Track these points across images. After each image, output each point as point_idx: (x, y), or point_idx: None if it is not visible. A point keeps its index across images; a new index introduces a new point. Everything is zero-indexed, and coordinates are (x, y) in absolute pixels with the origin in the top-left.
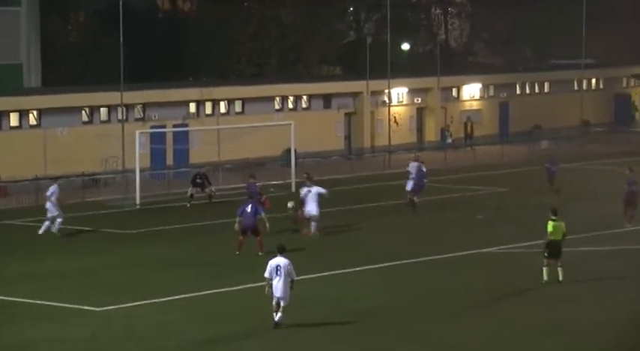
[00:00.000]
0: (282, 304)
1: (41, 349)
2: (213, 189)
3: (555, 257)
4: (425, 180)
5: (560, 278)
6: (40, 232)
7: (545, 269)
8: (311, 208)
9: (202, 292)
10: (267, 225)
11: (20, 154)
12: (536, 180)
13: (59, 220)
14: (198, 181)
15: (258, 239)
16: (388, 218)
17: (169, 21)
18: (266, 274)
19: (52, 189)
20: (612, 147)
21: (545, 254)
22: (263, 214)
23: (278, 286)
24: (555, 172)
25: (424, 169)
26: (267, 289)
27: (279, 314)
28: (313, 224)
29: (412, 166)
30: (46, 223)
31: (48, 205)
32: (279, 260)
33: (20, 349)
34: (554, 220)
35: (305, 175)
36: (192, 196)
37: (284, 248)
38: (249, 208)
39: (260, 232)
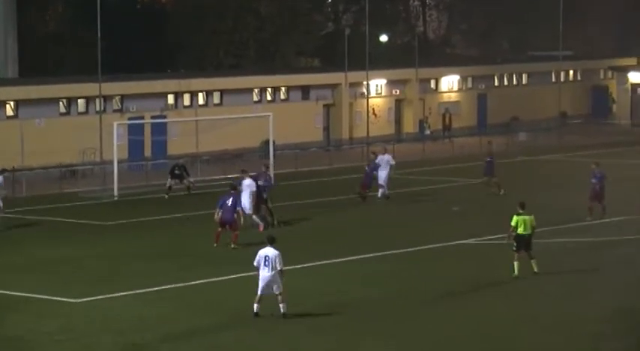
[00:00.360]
0: (276, 290)
1: (16, 342)
2: (191, 180)
3: (525, 250)
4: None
5: (536, 270)
6: None
7: (515, 263)
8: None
9: (182, 284)
10: (242, 220)
11: None
12: (513, 172)
13: None
14: (176, 172)
15: (235, 233)
16: (365, 210)
17: (148, 12)
18: (255, 263)
19: None
20: (590, 139)
21: (514, 248)
22: (240, 209)
23: (266, 275)
24: (493, 167)
25: (392, 163)
26: (258, 277)
27: (283, 304)
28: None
29: (381, 160)
30: None
31: None
32: (269, 251)
33: None
34: (519, 214)
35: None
36: (170, 187)
37: (274, 239)
38: (229, 202)
39: (237, 227)
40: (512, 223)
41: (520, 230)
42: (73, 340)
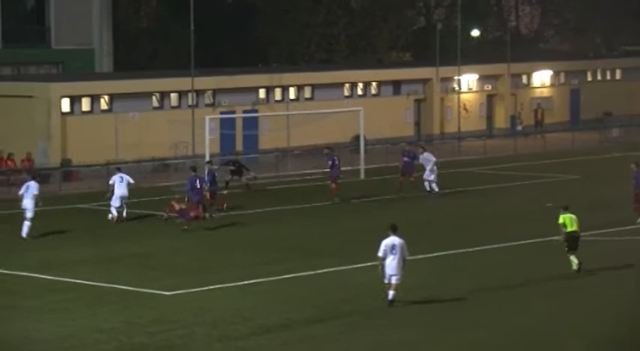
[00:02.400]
0: (393, 281)
1: (109, 333)
2: (251, 175)
3: (574, 248)
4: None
5: (574, 267)
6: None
7: (572, 258)
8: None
9: (274, 277)
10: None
11: (91, 138)
12: (608, 168)
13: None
14: (232, 168)
15: (202, 215)
16: (456, 203)
17: (239, 7)
18: (380, 253)
19: (33, 185)
20: None
21: (566, 248)
22: (205, 187)
23: (392, 264)
24: (411, 165)
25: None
26: (379, 268)
27: (392, 292)
28: None
29: (425, 158)
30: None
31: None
32: (395, 239)
33: (92, 332)
34: (565, 213)
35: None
36: (227, 183)
37: (397, 227)
38: (197, 184)
39: (207, 208)
40: (560, 221)
41: (569, 228)
42: (165, 331)
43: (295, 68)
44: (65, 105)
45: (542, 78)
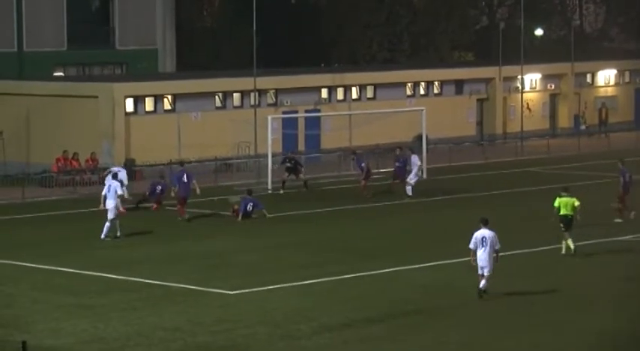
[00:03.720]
0: (485, 273)
1: (173, 332)
2: (302, 175)
3: (568, 230)
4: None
5: (572, 248)
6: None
7: (564, 243)
8: None
9: (335, 277)
10: (198, 191)
11: (155, 138)
12: None
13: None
14: (288, 165)
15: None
16: (522, 204)
17: (302, 6)
18: (471, 246)
19: (115, 185)
20: None
21: (562, 229)
22: (195, 182)
23: (483, 256)
24: (403, 170)
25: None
26: (472, 259)
27: (484, 282)
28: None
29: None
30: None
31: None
32: (485, 232)
33: (156, 330)
34: (562, 196)
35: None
36: (284, 182)
37: (487, 220)
38: (185, 178)
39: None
40: (555, 204)
41: (562, 211)
42: (228, 331)
43: (357, 68)
44: (129, 105)
45: (606, 77)
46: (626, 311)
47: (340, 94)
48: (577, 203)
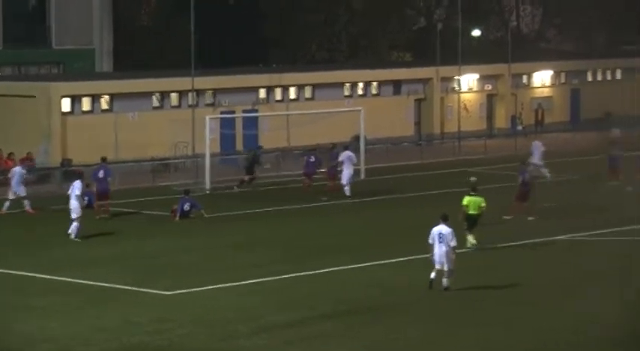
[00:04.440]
0: (446, 268)
1: (110, 332)
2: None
3: (470, 228)
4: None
5: (468, 245)
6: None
7: (469, 236)
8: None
9: (275, 277)
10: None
11: (92, 138)
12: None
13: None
14: (246, 165)
15: (106, 203)
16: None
17: (240, 6)
18: (429, 241)
19: (78, 184)
20: None
21: (465, 227)
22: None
23: (439, 252)
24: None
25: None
26: (430, 254)
27: (445, 279)
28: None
29: (344, 156)
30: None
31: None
32: (442, 228)
33: (94, 331)
34: (471, 195)
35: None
36: (242, 182)
37: (447, 217)
38: (100, 173)
39: (108, 197)
40: (464, 203)
41: (470, 210)
42: (166, 331)
43: (295, 68)
44: (66, 105)
45: (542, 78)
46: (572, 308)
47: (278, 94)
48: (483, 204)
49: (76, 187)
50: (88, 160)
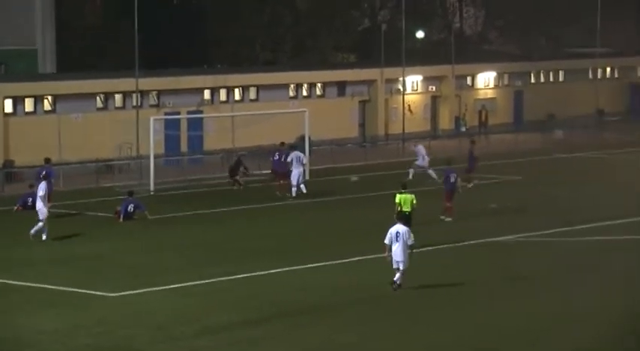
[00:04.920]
0: (401, 267)
1: (52, 335)
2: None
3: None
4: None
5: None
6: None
7: None
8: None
9: (219, 278)
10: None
11: (35, 139)
12: (550, 169)
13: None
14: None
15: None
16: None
17: (185, 7)
18: (386, 241)
19: (42, 185)
20: (628, 136)
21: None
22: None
23: (397, 251)
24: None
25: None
26: (386, 253)
27: (398, 275)
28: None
29: (293, 156)
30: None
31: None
32: (399, 227)
33: (34, 334)
34: (402, 193)
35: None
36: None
37: (404, 217)
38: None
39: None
40: (397, 201)
41: (404, 207)
42: (109, 333)
43: (240, 69)
44: (8, 106)
45: (486, 79)
46: (511, 306)
47: (223, 95)
48: (415, 201)
49: (40, 189)
50: (31, 162)
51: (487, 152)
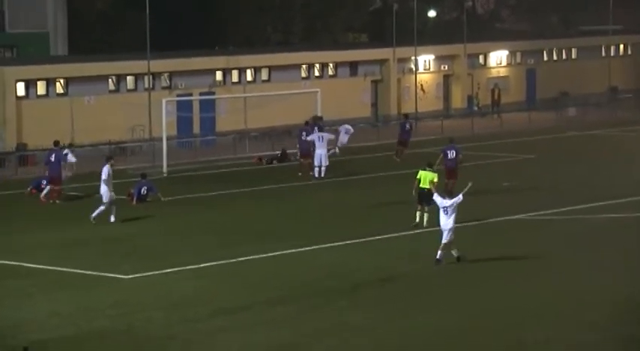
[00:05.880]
0: (446, 240)
1: (68, 318)
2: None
3: (424, 204)
4: None
5: (425, 223)
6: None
7: (417, 213)
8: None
9: (233, 259)
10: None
11: (47, 122)
12: (564, 147)
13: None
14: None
15: (57, 189)
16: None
17: None
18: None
19: (105, 169)
20: None
21: (417, 200)
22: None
23: (445, 224)
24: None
25: None
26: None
27: (455, 250)
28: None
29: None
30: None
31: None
32: (445, 202)
33: (51, 316)
34: (425, 170)
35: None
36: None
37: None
38: (52, 158)
39: (61, 181)
40: (417, 177)
41: (422, 184)
42: (124, 315)
43: (252, 50)
44: (20, 89)
45: (498, 58)
46: (525, 287)
47: (235, 76)
48: (435, 180)
49: (103, 172)
50: (44, 145)
51: (500, 131)
